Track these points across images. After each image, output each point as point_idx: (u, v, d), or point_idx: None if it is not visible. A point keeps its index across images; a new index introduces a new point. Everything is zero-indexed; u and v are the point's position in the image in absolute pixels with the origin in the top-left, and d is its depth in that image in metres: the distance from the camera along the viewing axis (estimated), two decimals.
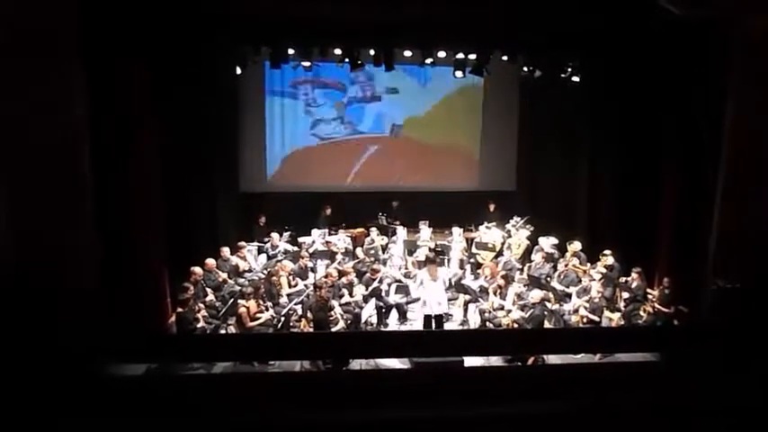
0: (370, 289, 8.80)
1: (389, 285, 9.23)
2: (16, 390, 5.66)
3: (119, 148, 7.50)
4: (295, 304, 8.45)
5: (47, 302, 6.36)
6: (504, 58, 9.96)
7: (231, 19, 8.37)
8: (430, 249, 10.17)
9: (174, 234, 8.74)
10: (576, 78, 10.17)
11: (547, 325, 8.26)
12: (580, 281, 9.07)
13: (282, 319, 8.16)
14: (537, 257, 9.77)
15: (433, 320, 8.13)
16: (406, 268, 10.03)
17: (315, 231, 10.80)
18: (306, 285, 9.09)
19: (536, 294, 8.13)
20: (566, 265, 9.47)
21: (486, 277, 9.23)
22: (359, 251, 10.57)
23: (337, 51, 9.45)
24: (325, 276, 8.73)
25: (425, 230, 10.94)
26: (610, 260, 9.27)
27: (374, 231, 10.79)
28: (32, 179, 6.57)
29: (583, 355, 7.94)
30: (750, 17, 7.22)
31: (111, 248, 7.27)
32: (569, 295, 8.98)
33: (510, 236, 10.67)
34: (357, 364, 7.61)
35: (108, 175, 7.28)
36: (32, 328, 6.27)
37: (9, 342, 6.15)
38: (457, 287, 9.15)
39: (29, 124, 6.47)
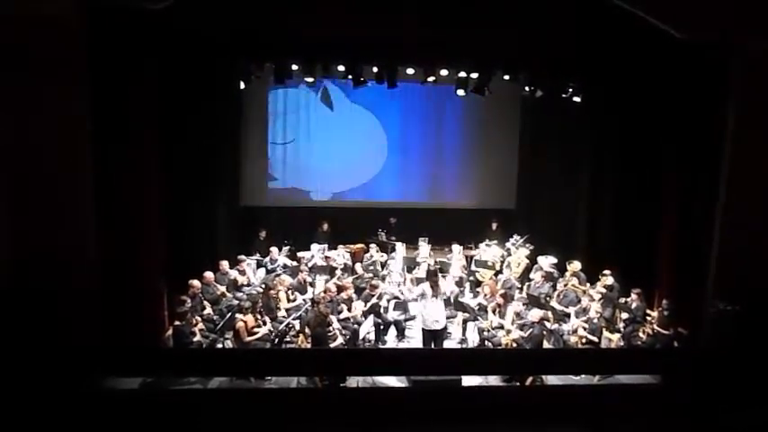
0: (368, 305, 8.76)
1: (388, 302, 9.20)
2: (14, 394, 5.63)
3: (120, 159, 7.52)
4: (293, 319, 8.40)
5: (47, 302, 6.35)
6: (506, 77, 10.02)
7: (235, 35, 8.44)
8: (430, 266, 10.11)
9: (174, 246, 8.72)
10: (577, 99, 10.23)
11: (546, 345, 8.21)
12: (579, 301, 9.02)
13: (280, 333, 8.12)
14: (536, 276, 9.73)
15: (433, 337, 8.03)
16: (405, 285, 9.99)
17: (314, 246, 10.78)
18: (304, 300, 9.06)
19: (535, 314, 8.08)
20: (565, 285, 9.42)
21: (485, 295, 9.19)
22: (358, 267, 10.54)
23: (340, 68, 9.52)
24: (324, 291, 8.69)
25: (424, 247, 10.93)
26: (609, 280, 9.24)
27: (374, 247, 10.77)
28: (33, 183, 6.61)
29: (582, 376, 7.88)
30: (750, 40, 7.31)
31: (109, 259, 7.26)
32: (568, 315, 8.94)
33: (510, 254, 10.65)
34: (354, 382, 7.55)
35: (108, 186, 7.30)
36: (32, 328, 6.25)
37: (8, 342, 6.13)
38: (455, 305, 9.11)
39: (30, 127, 6.52)
